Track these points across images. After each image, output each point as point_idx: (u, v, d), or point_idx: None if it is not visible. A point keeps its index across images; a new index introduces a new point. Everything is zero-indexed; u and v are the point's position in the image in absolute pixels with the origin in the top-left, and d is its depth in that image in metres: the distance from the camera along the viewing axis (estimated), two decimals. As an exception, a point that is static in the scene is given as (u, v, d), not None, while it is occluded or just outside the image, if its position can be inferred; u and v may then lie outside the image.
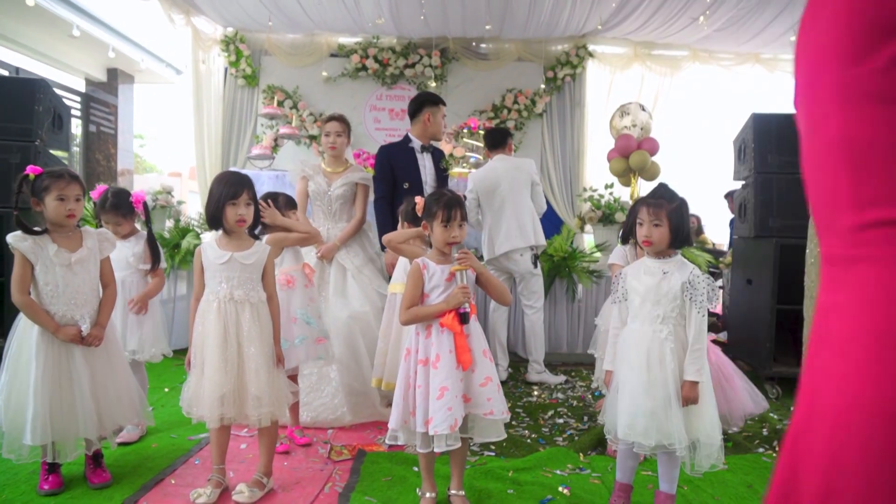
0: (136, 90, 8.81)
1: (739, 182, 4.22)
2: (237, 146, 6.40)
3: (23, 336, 2.15)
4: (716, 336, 4.75)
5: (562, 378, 4.00)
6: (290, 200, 2.85)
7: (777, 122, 3.79)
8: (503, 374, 3.91)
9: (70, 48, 6.97)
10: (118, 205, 2.72)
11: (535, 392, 3.75)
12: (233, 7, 5.70)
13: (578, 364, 4.51)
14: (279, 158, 5.85)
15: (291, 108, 6.31)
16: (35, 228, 2.14)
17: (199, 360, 2.14)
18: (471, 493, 2.22)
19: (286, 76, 6.42)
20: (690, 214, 2.11)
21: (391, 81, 6.45)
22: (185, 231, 4.54)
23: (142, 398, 2.44)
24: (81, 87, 7.79)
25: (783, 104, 7.12)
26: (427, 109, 3.71)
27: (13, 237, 2.10)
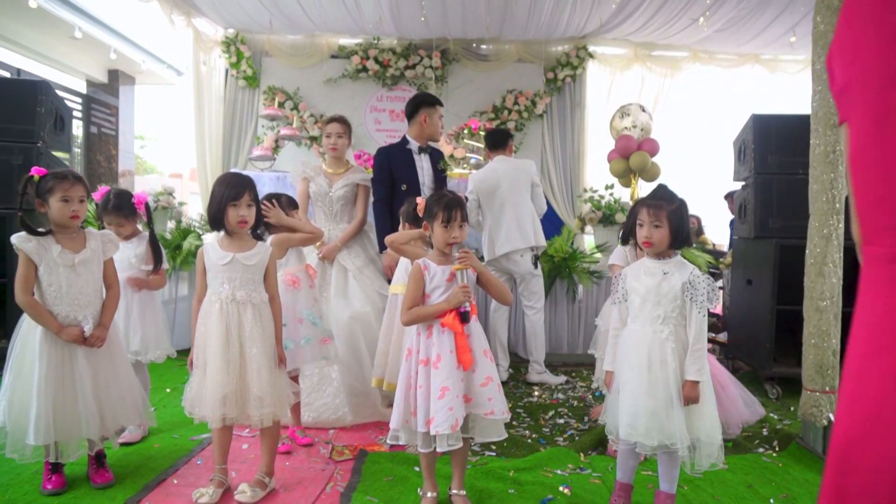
0: (137, 91, 8.83)
1: (739, 183, 4.22)
2: (238, 147, 6.41)
3: (26, 337, 2.16)
4: (716, 336, 4.75)
5: (562, 378, 4.01)
6: (292, 201, 2.86)
7: (777, 123, 3.78)
8: (504, 375, 3.92)
9: (71, 49, 6.99)
10: (120, 206, 2.72)
11: (536, 392, 3.76)
12: (233, 8, 5.72)
13: (579, 364, 4.52)
14: (280, 159, 5.86)
15: (292, 110, 6.32)
16: (39, 229, 2.15)
17: (202, 361, 2.15)
18: (472, 493, 2.23)
19: (287, 77, 6.44)
20: (690, 215, 2.12)
21: (392, 83, 6.46)
22: (187, 232, 4.55)
23: (144, 399, 2.45)
24: (83, 89, 7.81)
25: (783, 105, 7.15)
26: (423, 110, 3.71)
27: (17, 238, 2.11)
